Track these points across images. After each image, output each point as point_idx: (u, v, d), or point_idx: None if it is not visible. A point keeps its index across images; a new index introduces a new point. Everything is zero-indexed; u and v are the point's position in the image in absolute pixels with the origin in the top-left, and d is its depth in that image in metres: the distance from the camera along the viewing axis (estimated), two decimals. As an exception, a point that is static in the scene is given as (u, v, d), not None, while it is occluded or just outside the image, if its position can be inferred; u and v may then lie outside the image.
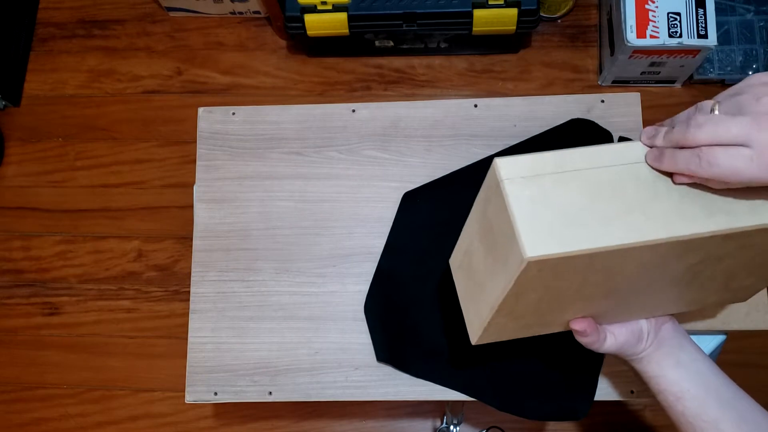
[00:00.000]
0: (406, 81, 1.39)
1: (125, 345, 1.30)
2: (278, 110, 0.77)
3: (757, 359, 1.24)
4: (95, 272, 1.34)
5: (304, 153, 0.76)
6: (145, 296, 1.32)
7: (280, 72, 1.41)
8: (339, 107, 0.77)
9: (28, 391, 1.30)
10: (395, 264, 0.71)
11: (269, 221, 0.74)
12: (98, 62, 1.45)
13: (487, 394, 0.68)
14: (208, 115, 0.78)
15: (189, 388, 0.70)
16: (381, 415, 1.24)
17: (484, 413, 1.21)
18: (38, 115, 1.43)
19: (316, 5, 1.22)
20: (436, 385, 0.68)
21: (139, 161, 1.39)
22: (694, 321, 0.68)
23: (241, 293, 0.73)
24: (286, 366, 0.70)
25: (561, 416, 0.68)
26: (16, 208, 1.38)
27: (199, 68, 1.43)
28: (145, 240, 1.35)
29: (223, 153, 0.76)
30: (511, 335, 0.55)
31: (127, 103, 1.42)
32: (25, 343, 1.32)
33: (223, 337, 0.71)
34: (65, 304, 1.33)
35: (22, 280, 1.35)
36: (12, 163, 1.40)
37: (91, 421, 1.28)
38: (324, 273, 0.73)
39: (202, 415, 1.26)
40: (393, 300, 0.71)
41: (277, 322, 0.72)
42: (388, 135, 0.76)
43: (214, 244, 0.74)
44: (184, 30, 1.46)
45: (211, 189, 0.76)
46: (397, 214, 0.73)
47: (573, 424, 1.24)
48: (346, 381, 0.70)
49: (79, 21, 1.49)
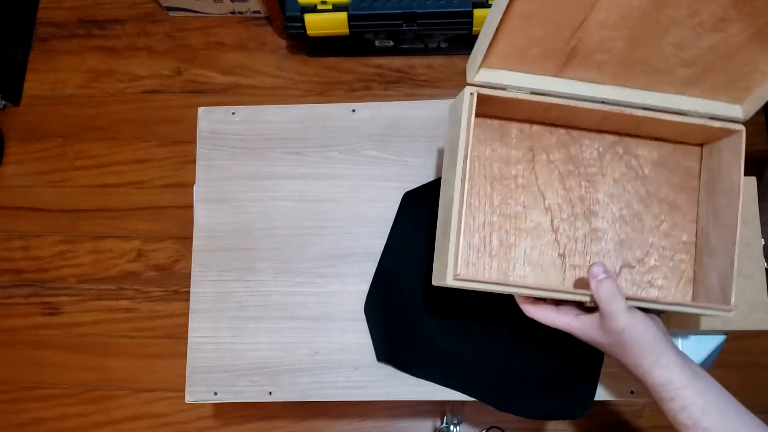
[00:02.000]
0: (406, 81, 1.39)
1: (125, 345, 1.30)
2: (278, 110, 0.77)
3: (757, 359, 1.24)
4: (95, 272, 1.34)
5: (304, 153, 0.76)
6: (145, 296, 1.32)
7: (280, 72, 1.42)
8: (339, 107, 0.77)
9: (28, 391, 1.30)
10: (395, 264, 0.71)
11: (269, 221, 0.74)
12: (98, 62, 1.45)
13: (487, 394, 0.68)
14: (208, 115, 0.78)
15: (189, 388, 0.70)
16: (381, 415, 1.24)
17: (484, 413, 1.21)
18: (38, 115, 1.43)
19: (316, 5, 1.22)
20: (436, 385, 0.68)
21: (139, 161, 1.39)
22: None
23: (240, 293, 0.72)
24: (286, 366, 0.70)
25: (561, 416, 0.68)
26: (15, 208, 1.38)
27: (199, 68, 1.43)
28: (145, 240, 1.35)
29: (223, 153, 0.76)
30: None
31: (127, 103, 1.42)
32: (25, 343, 1.32)
33: (223, 337, 0.71)
34: (65, 304, 1.33)
35: (22, 280, 1.35)
36: (12, 163, 1.40)
37: (90, 421, 1.28)
38: (324, 273, 0.73)
39: (202, 415, 1.26)
40: (393, 300, 0.70)
41: (277, 322, 0.71)
42: (388, 135, 0.76)
43: (214, 244, 0.74)
44: (184, 30, 1.46)
45: (211, 189, 0.76)
46: (397, 214, 0.73)
47: (573, 424, 1.25)
48: (346, 381, 0.70)
49: (79, 21, 1.49)
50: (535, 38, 0.54)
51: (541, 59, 0.56)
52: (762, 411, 1.12)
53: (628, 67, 0.57)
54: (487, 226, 0.63)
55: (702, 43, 0.55)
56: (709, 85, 0.58)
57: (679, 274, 0.64)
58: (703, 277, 0.62)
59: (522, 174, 0.64)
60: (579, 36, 0.54)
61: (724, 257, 0.59)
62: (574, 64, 0.57)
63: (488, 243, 0.63)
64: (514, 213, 0.63)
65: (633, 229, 0.64)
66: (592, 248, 0.63)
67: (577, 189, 0.64)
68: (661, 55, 0.56)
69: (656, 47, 0.55)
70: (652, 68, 0.57)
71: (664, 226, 0.64)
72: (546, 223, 0.63)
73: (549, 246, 0.63)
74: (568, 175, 0.64)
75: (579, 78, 0.58)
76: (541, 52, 0.56)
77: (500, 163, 0.64)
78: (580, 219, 0.64)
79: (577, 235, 0.64)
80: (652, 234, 0.64)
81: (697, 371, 0.50)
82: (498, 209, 0.63)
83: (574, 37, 0.54)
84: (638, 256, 0.64)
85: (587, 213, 0.64)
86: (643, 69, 0.57)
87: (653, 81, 0.58)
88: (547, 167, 0.64)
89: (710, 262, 0.61)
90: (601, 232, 0.64)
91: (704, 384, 0.49)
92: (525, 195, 0.63)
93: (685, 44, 0.55)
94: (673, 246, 0.64)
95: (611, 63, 0.57)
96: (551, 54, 0.56)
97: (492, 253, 0.62)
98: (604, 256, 0.64)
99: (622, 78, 0.58)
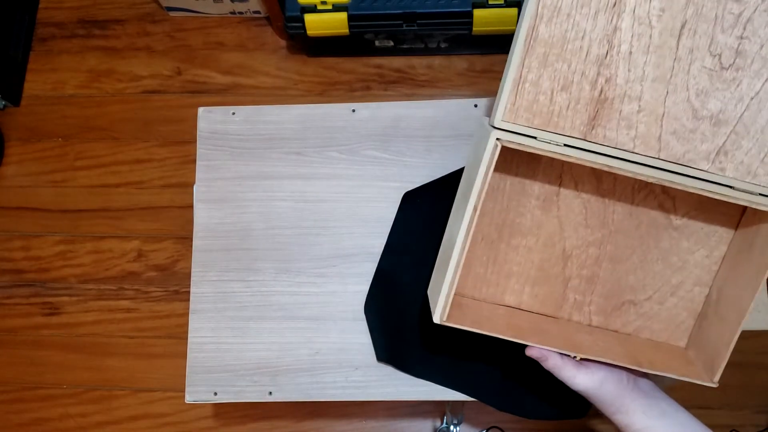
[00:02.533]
0: (406, 81, 1.39)
1: (125, 345, 1.30)
2: (278, 110, 0.77)
3: (757, 359, 1.24)
4: (95, 272, 1.34)
5: (304, 153, 0.76)
6: (145, 296, 1.32)
7: (280, 72, 1.41)
8: (339, 107, 0.77)
9: (28, 391, 1.30)
10: (395, 264, 0.71)
11: (269, 221, 0.74)
12: (98, 62, 1.45)
13: (487, 394, 0.68)
14: (208, 115, 0.78)
15: (189, 388, 0.70)
16: (381, 415, 1.24)
17: (484, 413, 1.21)
18: (38, 115, 1.43)
19: (316, 5, 1.22)
20: (436, 385, 0.68)
21: (139, 161, 1.39)
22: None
23: (241, 293, 0.73)
24: (286, 366, 0.70)
25: (560, 416, 0.68)
26: (16, 208, 1.38)
27: (199, 68, 1.43)
28: (145, 240, 1.35)
29: (223, 153, 0.76)
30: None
31: (127, 103, 1.42)
32: (25, 343, 1.32)
33: (223, 337, 0.71)
34: (65, 304, 1.33)
35: (22, 280, 1.35)
36: (12, 163, 1.40)
37: (91, 421, 1.28)
38: (324, 273, 0.73)
39: (202, 415, 1.26)
40: (393, 300, 0.70)
41: (277, 322, 0.72)
42: (388, 135, 0.76)
43: (214, 244, 0.74)
44: (184, 30, 1.46)
45: (211, 189, 0.76)
46: (397, 214, 0.73)
47: (572, 424, 1.24)
48: (346, 381, 0.70)
49: (79, 21, 1.49)
50: (560, 76, 0.51)
51: (570, 111, 0.52)
52: (762, 411, 1.12)
53: (660, 128, 0.53)
54: (490, 255, 0.63)
55: (725, 89, 0.52)
56: (743, 156, 0.53)
57: (678, 323, 0.63)
58: (701, 336, 0.61)
59: (536, 209, 0.62)
60: (605, 74, 0.52)
61: (727, 325, 0.57)
62: (604, 119, 0.53)
63: (489, 270, 0.63)
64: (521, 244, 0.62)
65: (643, 271, 0.63)
66: (597, 288, 0.63)
67: (595, 233, 0.62)
68: (690, 108, 0.52)
69: (683, 95, 0.52)
70: (683, 128, 0.53)
71: (679, 275, 0.62)
72: (556, 259, 0.62)
73: (553, 279, 0.63)
74: (591, 216, 0.61)
75: (609, 143, 0.53)
76: (568, 100, 0.52)
77: (516, 206, 0.62)
78: (591, 259, 0.62)
79: (582, 273, 0.63)
80: (664, 278, 0.63)
81: (664, 410, 0.55)
82: (504, 237, 0.62)
83: (601, 74, 0.52)
84: (642, 297, 0.63)
85: (600, 255, 0.62)
86: (674, 131, 0.53)
87: (687, 150, 0.54)
88: (570, 207, 0.61)
89: (713, 323, 0.60)
90: (606, 272, 0.63)
91: (669, 422, 0.54)
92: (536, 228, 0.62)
93: (708, 89, 0.52)
94: (683, 295, 0.63)
95: (642, 119, 0.53)
96: (579, 103, 0.52)
97: (490, 280, 0.63)
98: (605, 288, 0.63)
99: (655, 146, 0.53)
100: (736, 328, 0.55)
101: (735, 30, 0.50)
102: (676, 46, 0.51)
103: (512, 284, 0.63)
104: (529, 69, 0.52)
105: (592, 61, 0.51)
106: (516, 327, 0.59)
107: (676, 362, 0.59)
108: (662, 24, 0.50)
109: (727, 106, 0.52)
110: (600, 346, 0.59)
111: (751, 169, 0.54)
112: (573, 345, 0.57)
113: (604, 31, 0.51)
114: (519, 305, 0.64)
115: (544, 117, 0.53)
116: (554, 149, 0.52)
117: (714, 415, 1.21)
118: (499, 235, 0.62)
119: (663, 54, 0.51)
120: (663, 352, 0.61)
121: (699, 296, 0.62)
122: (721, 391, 1.21)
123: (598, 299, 0.63)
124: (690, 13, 0.50)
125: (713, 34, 0.50)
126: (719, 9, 0.50)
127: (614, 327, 0.64)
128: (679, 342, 0.63)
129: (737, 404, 1.22)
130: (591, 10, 0.50)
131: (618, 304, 0.63)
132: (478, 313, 0.61)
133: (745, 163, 0.53)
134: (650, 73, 0.52)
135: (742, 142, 0.53)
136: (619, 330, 0.64)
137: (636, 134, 0.53)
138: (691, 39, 0.51)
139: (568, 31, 0.51)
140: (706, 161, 0.53)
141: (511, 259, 0.63)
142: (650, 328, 0.63)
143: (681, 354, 0.62)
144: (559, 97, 0.52)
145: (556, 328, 0.61)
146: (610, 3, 0.50)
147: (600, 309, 0.63)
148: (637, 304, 0.63)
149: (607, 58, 0.51)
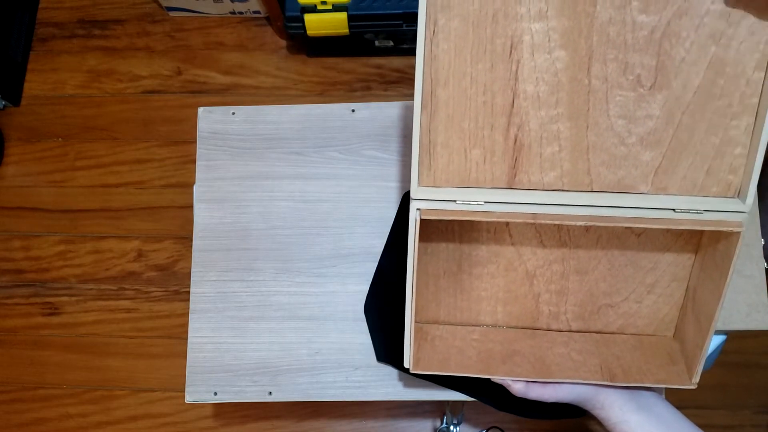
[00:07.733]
0: (406, 81, 1.39)
1: (125, 345, 1.30)
2: (278, 110, 0.77)
3: (757, 359, 1.24)
4: (95, 272, 1.34)
5: (304, 153, 0.76)
6: (145, 296, 1.32)
7: (280, 72, 1.41)
8: (339, 107, 0.77)
9: (28, 391, 1.30)
10: (395, 264, 0.71)
11: (269, 221, 0.74)
12: (98, 62, 1.45)
13: (487, 394, 0.68)
14: (208, 115, 0.78)
15: (189, 388, 0.70)
16: (381, 415, 1.24)
17: (484, 413, 1.21)
18: (38, 115, 1.43)
19: (316, 5, 1.22)
20: (436, 385, 0.68)
21: (139, 161, 1.39)
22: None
23: (241, 293, 0.73)
24: (286, 366, 0.70)
25: (560, 415, 0.68)
26: (16, 208, 1.38)
27: (199, 68, 1.43)
28: (145, 240, 1.35)
29: (222, 153, 0.76)
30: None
31: (127, 103, 1.42)
32: (25, 343, 1.32)
33: (223, 337, 0.71)
34: (65, 304, 1.33)
35: (22, 280, 1.35)
36: (12, 163, 1.40)
37: (91, 421, 1.28)
38: (324, 273, 0.73)
39: (202, 415, 1.27)
40: (393, 300, 0.70)
41: (277, 322, 0.72)
42: (388, 135, 0.76)
43: (214, 244, 0.74)
44: (184, 30, 1.46)
45: (211, 189, 0.76)
46: (397, 214, 0.73)
47: (572, 424, 1.24)
48: (346, 381, 0.70)
49: (79, 21, 1.49)
50: (470, 133, 0.50)
51: (488, 165, 0.51)
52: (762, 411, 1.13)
53: (587, 162, 0.51)
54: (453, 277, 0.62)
55: (651, 109, 0.49)
56: (685, 171, 0.51)
57: (661, 317, 0.62)
58: (684, 329, 0.60)
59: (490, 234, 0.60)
60: (516, 122, 0.50)
61: (700, 331, 0.56)
62: (525, 164, 0.51)
63: (459, 299, 0.63)
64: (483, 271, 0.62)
65: (616, 277, 0.61)
66: (569, 298, 0.62)
67: (554, 252, 0.60)
68: (616, 136, 0.50)
69: (605, 125, 0.50)
70: (613, 158, 0.51)
71: (653, 275, 0.61)
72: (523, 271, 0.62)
73: (523, 288, 0.62)
74: (546, 238, 0.60)
75: (536, 186, 0.52)
76: (483, 154, 0.51)
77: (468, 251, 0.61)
78: (557, 275, 0.61)
79: (551, 288, 0.62)
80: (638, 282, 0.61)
81: (641, 404, 0.56)
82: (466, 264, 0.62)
83: (512, 124, 0.50)
84: (618, 300, 0.62)
85: (564, 270, 0.61)
86: (603, 161, 0.51)
87: (621, 178, 0.52)
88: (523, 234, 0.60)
89: (690, 321, 0.59)
90: (575, 284, 0.62)
91: (645, 415, 0.55)
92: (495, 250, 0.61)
93: (632, 113, 0.49)
94: (661, 291, 0.62)
95: (565, 157, 0.51)
96: (495, 155, 0.51)
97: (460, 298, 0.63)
98: (578, 298, 0.62)
99: (585, 179, 0.52)
100: (706, 335, 0.54)
101: (650, 48, 0.48)
102: (587, 77, 0.49)
103: (484, 306, 0.63)
104: (436, 132, 0.50)
105: (499, 112, 0.50)
106: (487, 353, 0.59)
107: (656, 364, 0.58)
108: (567, 59, 0.48)
109: (657, 125, 0.50)
110: (573, 359, 0.59)
111: (697, 183, 0.51)
112: (542, 366, 0.57)
113: (506, 81, 0.49)
114: (495, 323, 0.64)
115: (463, 175, 0.52)
116: (474, 208, 0.51)
117: (713, 415, 1.21)
118: (459, 267, 0.62)
119: (574, 89, 0.49)
120: (644, 353, 0.60)
121: (678, 291, 0.61)
122: (721, 391, 1.21)
123: (573, 308, 0.63)
124: (595, 42, 0.48)
125: (626, 58, 0.48)
126: (625, 32, 0.47)
127: (596, 328, 0.63)
128: (666, 332, 0.63)
129: (737, 404, 1.22)
130: (487, 64, 0.48)
131: (594, 309, 0.62)
132: (450, 344, 0.61)
133: (689, 177, 0.51)
134: (564, 111, 0.50)
135: (681, 158, 0.50)
136: (602, 330, 0.63)
137: (562, 172, 0.51)
138: (602, 67, 0.48)
139: (468, 89, 0.49)
140: (644, 184, 0.51)
141: (477, 286, 0.62)
142: (634, 325, 0.63)
143: (665, 351, 0.60)
144: (472, 153, 0.51)
145: (530, 344, 0.61)
146: (505, 51, 0.48)
147: (577, 316, 0.63)
148: (614, 306, 0.62)
149: (514, 107, 0.49)
